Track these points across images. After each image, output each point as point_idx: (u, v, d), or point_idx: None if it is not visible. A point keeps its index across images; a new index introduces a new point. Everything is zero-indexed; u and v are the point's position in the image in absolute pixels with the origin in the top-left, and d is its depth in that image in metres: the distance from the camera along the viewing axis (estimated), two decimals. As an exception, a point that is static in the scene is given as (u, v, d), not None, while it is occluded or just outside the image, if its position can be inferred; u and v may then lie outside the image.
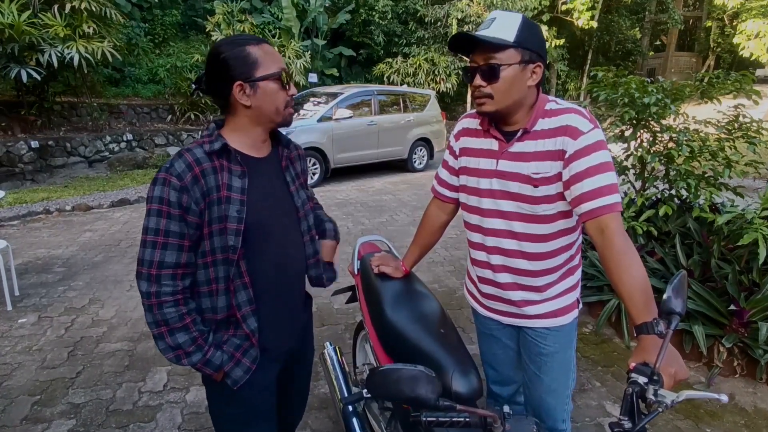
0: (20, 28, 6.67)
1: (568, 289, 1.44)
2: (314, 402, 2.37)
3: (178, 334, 1.13)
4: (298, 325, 1.38)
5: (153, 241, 1.09)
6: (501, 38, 1.18)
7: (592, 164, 1.19)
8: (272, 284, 1.24)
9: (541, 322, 1.44)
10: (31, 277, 3.95)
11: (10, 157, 7.14)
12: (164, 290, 1.10)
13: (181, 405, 2.36)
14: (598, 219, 1.18)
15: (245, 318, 1.19)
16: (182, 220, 1.09)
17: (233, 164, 1.15)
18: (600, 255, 1.19)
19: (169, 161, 1.11)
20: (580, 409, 2.38)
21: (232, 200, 1.13)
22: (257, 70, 1.12)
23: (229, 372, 1.21)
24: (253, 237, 1.16)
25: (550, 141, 1.25)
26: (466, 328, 3.15)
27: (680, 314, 0.96)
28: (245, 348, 1.22)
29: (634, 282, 1.09)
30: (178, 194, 1.07)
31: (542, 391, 1.49)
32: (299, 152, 1.38)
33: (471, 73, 1.25)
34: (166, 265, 1.10)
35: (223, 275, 1.16)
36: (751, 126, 3.06)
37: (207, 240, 1.13)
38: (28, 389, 2.47)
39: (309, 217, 1.33)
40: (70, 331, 3.09)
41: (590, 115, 1.26)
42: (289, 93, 1.18)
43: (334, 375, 1.83)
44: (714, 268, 2.83)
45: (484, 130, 1.37)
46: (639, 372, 0.94)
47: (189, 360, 1.15)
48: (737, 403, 2.44)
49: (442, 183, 1.57)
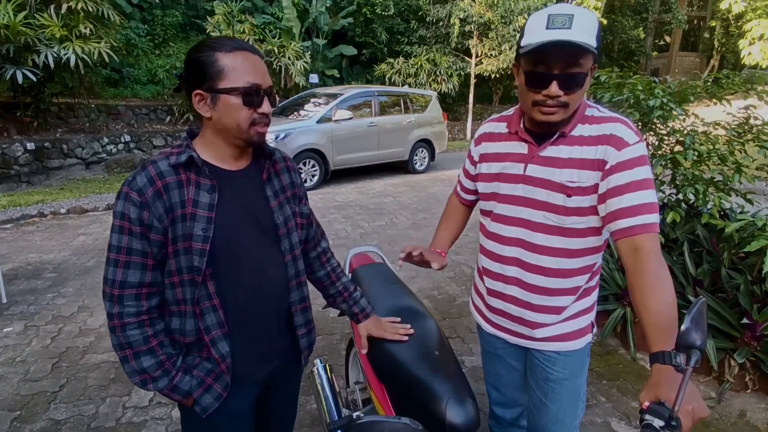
0: (16, 28, 6.60)
1: (583, 311, 1.33)
2: (305, 418, 2.27)
3: (143, 358, 1.06)
4: (279, 348, 1.27)
5: (116, 259, 1.02)
6: (588, 43, 1.04)
7: (634, 179, 1.09)
8: (246, 307, 1.13)
9: (551, 345, 1.33)
10: (21, 283, 3.86)
11: (6, 159, 7.06)
12: (127, 311, 1.04)
13: (166, 421, 2.26)
14: (632, 238, 1.08)
15: (214, 342, 1.09)
16: (144, 237, 1.01)
17: (202, 178, 1.05)
18: (628, 275, 1.09)
19: (132, 174, 1.02)
20: (584, 427, 2.26)
21: (198, 217, 1.03)
22: (221, 80, 1.01)
23: (198, 399, 1.11)
24: (224, 257, 1.06)
25: (589, 149, 1.14)
26: (466, 337, 3.04)
27: (701, 348, 0.84)
28: (217, 373, 1.12)
29: (661, 308, 1.00)
30: (139, 210, 0.99)
31: (548, 420, 1.38)
32: (288, 164, 1.25)
33: (544, 80, 1.09)
34: (129, 284, 1.03)
35: (190, 297, 1.06)
36: (763, 129, 2.94)
37: (172, 259, 1.04)
38: (8, 404, 2.37)
39: (293, 234, 1.21)
40: (56, 341, 2.99)
41: (635, 127, 1.15)
42: (259, 110, 1.05)
43: (323, 395, 1.72)
44: (725, 278, 2.71)
45: (512, 132, 1.27)
46: (654, 414, 0.83)
47: (155, 385, 1.08)
48: (749, 420, 2.32)
49: (463, 188, 1.53)
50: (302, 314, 1.27)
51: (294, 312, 1.24)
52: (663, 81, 3.38)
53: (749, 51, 13.67)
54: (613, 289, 3.01)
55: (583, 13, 1.06)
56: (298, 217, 1.23)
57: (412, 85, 12.39)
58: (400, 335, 1.43)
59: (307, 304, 1.29)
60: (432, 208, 6.37)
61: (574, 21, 1.04)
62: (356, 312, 1.46)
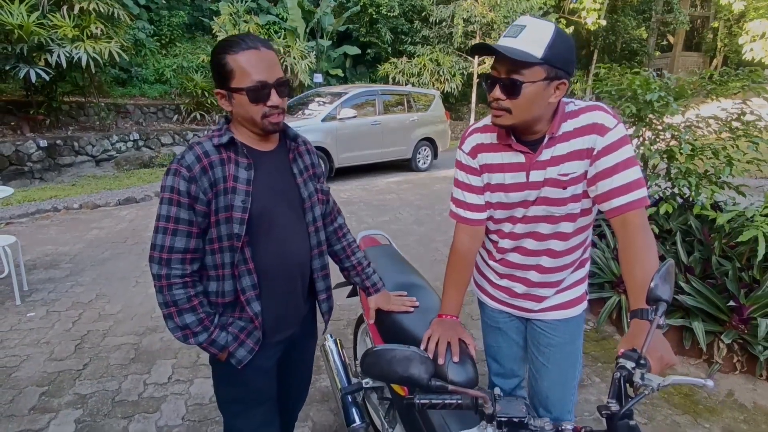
0: (29, 28, 6.77)
1: (579, 281, 1.47)
2: (315, 395, 2.41)
3: (186, 315, 1.19)
4: (300, 314, 1.42)
5: (164, 227, 1.16)
6: (528, 53, 1.09)
7: (620, 160, 1.19)
8: (275, 271, 1.28)
9: (552, 314, 1.46)
10: (40, 272, 4.02)
11: (19, 156, 7.24)
12: (174, 273, 1.17)
13: (185, 396, 2.41)
14: (623, 215, 1.19)
15: (249, 302, 1.24)
16: (191, 208, 1.16)
17: (240, 156, 1.20)
18: (620, 246, 1.21)
19: (181, 153, 1.17)
20: (579, 404, 2.39)
21: (238, 191, 1.18)
22: (232, 80, 1.15)
23: (234, 352, 1.26)
24: (257, 226, 1.21)
25: (578, 140, 1.23)
26: (467, 324, 3.17)
27: (667, 301, 0.97)
28: (249, 330, 1.27)
29: (646, 275, 1.10)
30: (188, 184, 1.14)
31: (549, 382, 1.51)
32: (308, 147, 1.42)
33: (491, 82, 1.17)
34: (176, 250, 1.17)
35: (229, 261, 1.21)
36: (756, 124, 3.06)
37: (214, 228, 1.19)
38: (36, 380, 2.53)
39: (315, 208, 1.37)
40: (77, 325, 3.14)
41: (612, 110, 1.25)
42: (269, 104, 1.17)
43: (334, 366, 1.87)
44: (715, 265, 2.84)
45: (505, 145, 1.31)
46: (627, 357, 0.96)
47: (195, 339, 1.21)
48: (736, 399, 2.44)
49: (470, 207, 1.40)
50: (323, 280, 1.43)
51: (316, 278, 1.40)
52: (660, 76, 3.49)
53: (750, 47, 13.73)
54: (608, 277, 3.13)
55: (536, 25, 1.12)
56: (319, 193, 1.39)
57: (415, 85, 12.49)
58: (406, 307, 1.58)
59: (327, 272, 1.45)
60: (434, 205, 6.50)
61: (523, 32, 1.12)
62: (368, 286, 1.61)
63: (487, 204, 1.39)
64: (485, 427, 0.95)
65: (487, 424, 0.95)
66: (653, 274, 1.05)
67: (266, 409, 1.38)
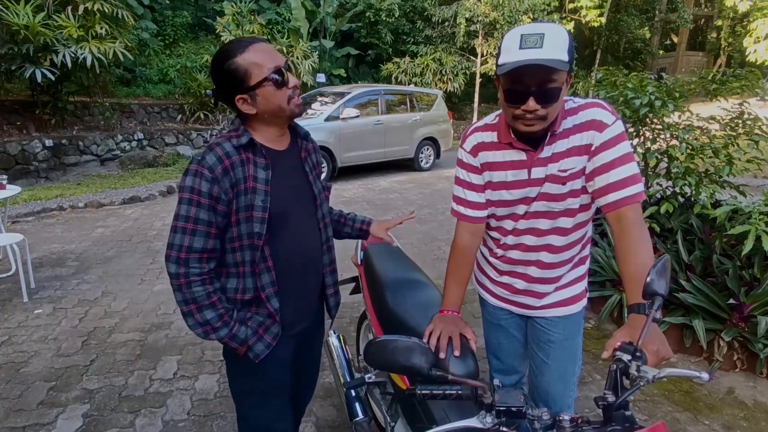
0: (35, 29, 6.82)
1: (579, 278, 1.49)
2: (319, 391, 2.44)
3: (206, 311, 1.20)
4: (313, 307, 1.46)
5: (183, 227, 1.17)
6: (559, 59, 1.11)
7: (617, 156, 1.22)
8: (291, 267, 1.32)
9: (552, 311, 1.48)
10: (46, 270, 4.06)
11: (25, 156, 7.31)
12: (192, 271, 1.18)
13: (190, 392, 2.44)
14: (618, 210, 1.22)
15: (269, 298, 1.27)
16: (211, 209, 1.17)
17: (258, 157, 1.23)
18: (615, 240, 1.24)
19: (201, 154, 1.17)
20: (580, 401, 2.41)
21: (258, 191, 1.20)
22: (249, 79, 1.16)
23: (252, 346, 1.29)
24: (276, 224, 1.24)
25: (576, 137, 1.26)
26: (469, 322, 3.19)
27: (663, 295, 1.00)
28: (267, 325, 1.30)
29: (639, 269, 1.13)
30: (210, 185, 1.15)
31: (550, 378, 1.53)
32: (315, 145, 1.45)
33: (521, 96, 1.16)
34: (194, 249, 1.17)
35: (249, 259, 1.24)
36: (755, 124, 3.07)
37: (234, 227, 1.21)
38: (44, 375, 2.57)
39: (324, 204, 1.41)
40: (83, 321, 3.18)
41: (610, 106, 1.28)
42: (290, 86, 1.20)
43: (337, 361, 1.90)
44: (715, 264, 2.86)
45: (506, 143, 1.32)
46: (623, 350, 0.98)
47: (216, 335, 1.23)
48: (737, 397, 2.46)
49: (470, 205, 1.43)
50: (331, 275, 1.47)
51: (324, 273, 1.44)
52: (660, 78, 3.50)
53: (755, 48, 13.68)
54: (609, 275, 3.15)
55: (553, 30, 1.12)
56: (326, 190, 1.44)
57: (418, 85, 12.52)
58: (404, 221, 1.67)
59: (335, 267, 1.49)
60: (436, 204, 6.53)
61: (545, 40, 1.10)
62: (360, 227, 1.65)
63: (488, 202, 1.42)
64: (484, 416, 0.98)
65: (486, 414, 0.98)
66: (648, 268, 1.06)
67: (281, 402, 1.41)
